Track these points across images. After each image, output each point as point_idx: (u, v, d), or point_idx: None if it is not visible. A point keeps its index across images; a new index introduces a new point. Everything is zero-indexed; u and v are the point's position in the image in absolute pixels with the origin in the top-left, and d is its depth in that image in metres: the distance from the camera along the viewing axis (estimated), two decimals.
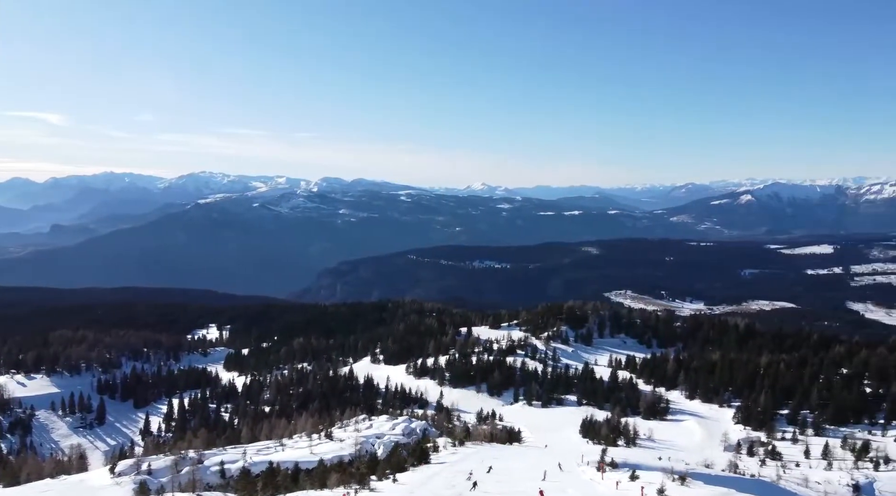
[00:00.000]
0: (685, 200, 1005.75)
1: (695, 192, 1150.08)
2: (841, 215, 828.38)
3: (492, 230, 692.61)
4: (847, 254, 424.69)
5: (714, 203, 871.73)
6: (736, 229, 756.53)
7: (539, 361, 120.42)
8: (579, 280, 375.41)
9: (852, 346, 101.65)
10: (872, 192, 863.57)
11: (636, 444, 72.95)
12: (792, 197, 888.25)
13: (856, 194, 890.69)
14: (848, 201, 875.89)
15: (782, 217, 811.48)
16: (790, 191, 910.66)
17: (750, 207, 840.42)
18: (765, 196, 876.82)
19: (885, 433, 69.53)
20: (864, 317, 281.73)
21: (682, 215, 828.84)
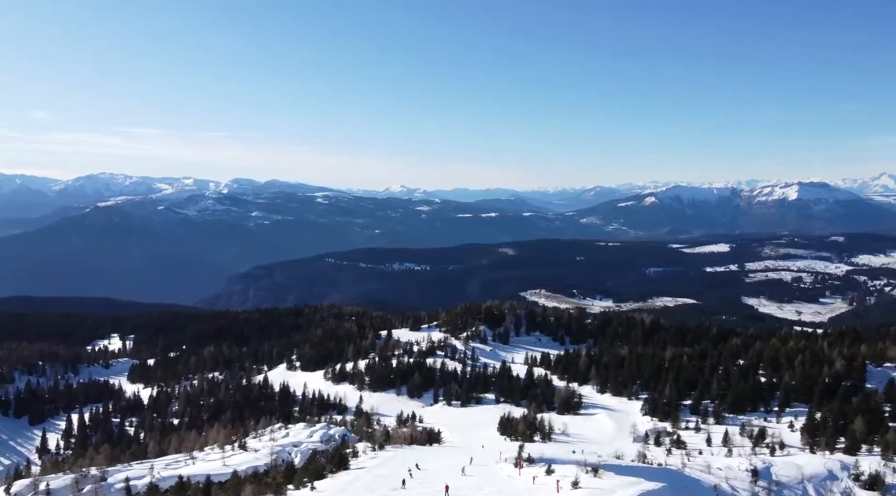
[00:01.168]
0: (594, 202, 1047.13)
1: (603, 195, 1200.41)
2: (736, 216, 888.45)
3: (411, 232, 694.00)
4: (742, 253, 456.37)
5: (621, 205, 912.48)
6: (641, 230, 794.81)
7: (458, 361, 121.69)
8: (497, 280, 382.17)
9: (747, 339, 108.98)
10: (764, 195, 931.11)
11: (552, 439, 75.08)
12: (692, 199, 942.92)
13: (749, 196, 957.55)
14: (742, 203, 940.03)
15: (683, 218, 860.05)
16: (690, 193, 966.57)
17: (654, 209, 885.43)
18: (667, 198, 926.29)
19: (779, 419, 74.93)
20: (757, 312, 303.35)
21: (591, 217, 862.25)
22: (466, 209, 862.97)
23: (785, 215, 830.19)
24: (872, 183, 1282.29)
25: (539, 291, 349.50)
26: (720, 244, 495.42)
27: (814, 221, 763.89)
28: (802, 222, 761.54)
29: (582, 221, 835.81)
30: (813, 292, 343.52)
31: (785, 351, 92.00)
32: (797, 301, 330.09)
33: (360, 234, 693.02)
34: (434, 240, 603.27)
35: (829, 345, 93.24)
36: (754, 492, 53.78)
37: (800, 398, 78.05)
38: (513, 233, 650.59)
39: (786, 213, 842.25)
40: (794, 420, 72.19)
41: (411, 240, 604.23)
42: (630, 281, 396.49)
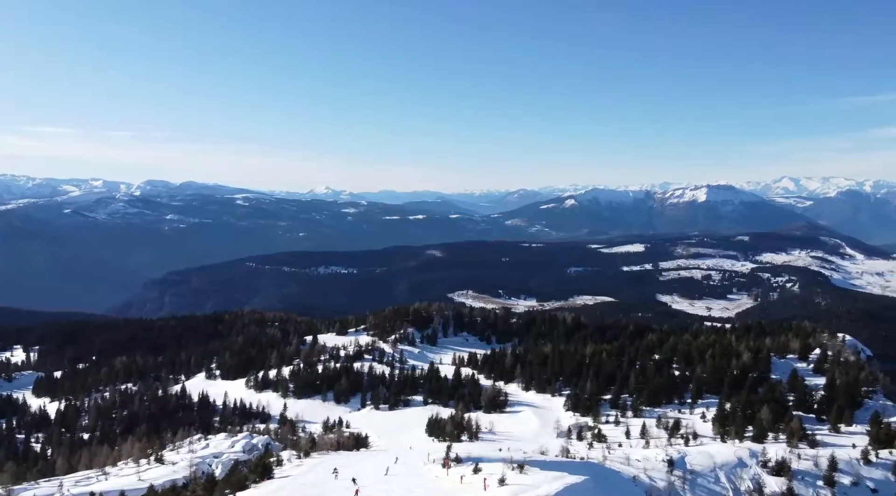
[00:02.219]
0: (518, 205, 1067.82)
1: (526, 198, 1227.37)
2: (650, 217, 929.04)
3: (337, 235, 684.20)
4: (656, 252, 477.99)
5: (543, 207, 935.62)
6: (562, 231, 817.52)
7: (386, 364, 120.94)
8: (425, 282, 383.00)
9: (662, 334, 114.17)
10: (675, 197, 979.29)
11: (479, 438, 75.90)
12: (609, 201, 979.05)
13: (662, 198, 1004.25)
14: (655, 205, 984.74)
15: (601, 219, 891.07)
16: (608, 196, 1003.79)
17: (574, 211, 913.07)
18: (586, 200, 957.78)
19: (693, 411, 78.80)
20: (671, 308, 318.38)
21: (515, 219, 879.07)
22: (394, 211, 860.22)
23: (695, 216, 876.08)
24: (774, 185, 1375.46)
25: (466, 292, 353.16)
26: (636, 244, 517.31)
27: (721, 222, 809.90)
28: (711, 223, 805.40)
29: (507, 223, 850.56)
30: (721, 289, 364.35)
31: (696, 345, 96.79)
32: (707, 297, 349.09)
33: (284, 237, 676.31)
34: (361, 242, 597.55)
35: (736, 339, 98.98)
36: (670, 481, 56.21)
37: (711, 390, 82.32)
38: (440, 235, 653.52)
39: (696, 214, 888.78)
40: (706, 411, 76.03)
41: (337, 242, 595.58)
42: (553, 280, 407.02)
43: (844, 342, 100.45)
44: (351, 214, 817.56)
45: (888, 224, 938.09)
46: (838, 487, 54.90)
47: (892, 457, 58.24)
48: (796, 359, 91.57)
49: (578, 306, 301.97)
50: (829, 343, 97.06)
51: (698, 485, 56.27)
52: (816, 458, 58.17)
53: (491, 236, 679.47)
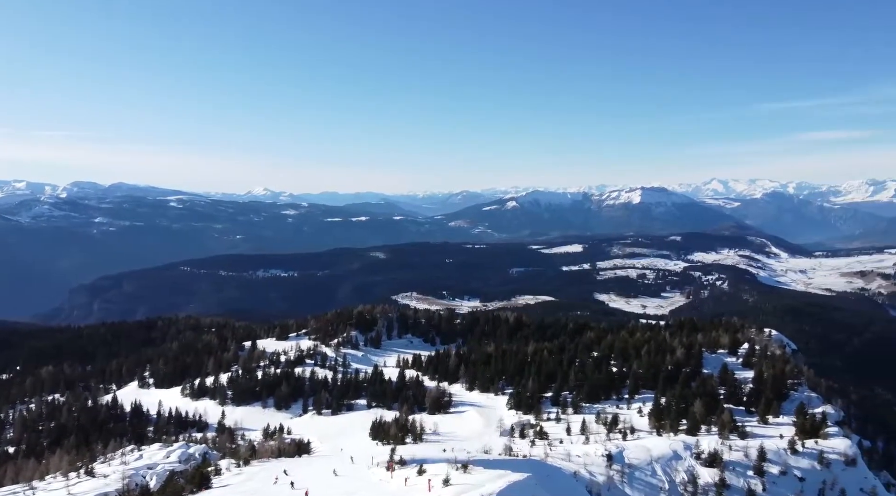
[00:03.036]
0: (461, 206, 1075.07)
1: (469, 199, 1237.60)
2: (588, 218, 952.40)
3: (277, 237, 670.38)
4: (593, 252, 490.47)
5: (486, 209, 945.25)
6: (504, 232, 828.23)
7: (329, 369, 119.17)
8: (368, 284, 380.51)
9: (600, 332, 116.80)
10: (612, 198, 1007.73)
11: (423, 440, 75.74)
12: (549, 203, 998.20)
13: (599, 200, 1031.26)
14: (593, 206, 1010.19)
15: (541, 221, 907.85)
16: (547, 198, 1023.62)
17: (515, 213, 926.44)
18: (527, 202, 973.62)
19: (630, 406, 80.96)
20: (608, 306, 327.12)
21: (459, 220, 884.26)
22: (336, 213, 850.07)
23: (630, 217, 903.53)
24: (704, 187, 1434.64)
25: (411, 294, 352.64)
26: (574, 245, 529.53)
27: (655, 223, 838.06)
28: (645, 224, 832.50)
29: (450, 225, 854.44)
30: (655, 287, 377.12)
31: (633, 342, 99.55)
32: (642, 296, 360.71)
33: (220, 239, 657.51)
34: (302, 245, 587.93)
35: (670, 336, 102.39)
36: (609, 475, 57.72)
37: (647, 385, 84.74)
38: (384, 236, 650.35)
39: (631, 215, 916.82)
40: (643, 406, 78.28)
41: (277, 245, 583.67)
42: (496, 281, 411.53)
43: (771, 337, 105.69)
44: (291, 216, 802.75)
45: (810, 224, 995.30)
46: (767, 477, 57.55)
47: (817, 446, 61.41)
48: (726, 353, 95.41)
49: (521, 306, 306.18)
50: (756, 338, 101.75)
51: (636, 479, 57.98)
52: (746, 449, 60.83)
53: (435, 238, 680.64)
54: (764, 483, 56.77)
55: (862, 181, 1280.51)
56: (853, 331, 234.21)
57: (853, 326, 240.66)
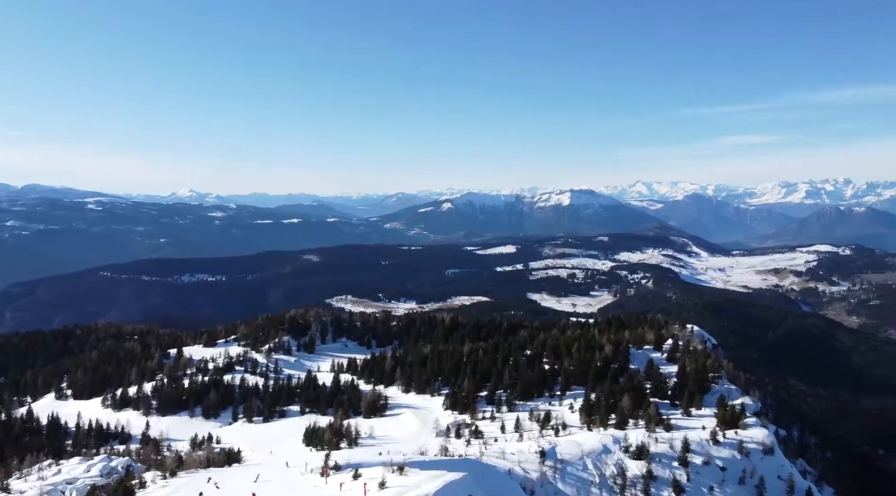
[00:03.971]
0: (397, 208, 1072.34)
1: (405, 201, 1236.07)
2: (520, 220, 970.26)
3: (204, 241, 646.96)
4: (526, 253, 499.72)
5: (421, 210, 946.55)
6: (440, 234, 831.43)
7: (260, 375, 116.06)
8: (301, 288, 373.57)
9: (533, 331, 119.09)
10: (543, 200, 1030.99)
11: (358, 444, 74.96)
12: (483, 205, 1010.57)
13: (531, 202, 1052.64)
14: (525, 208, 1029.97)
15: (476, 222, 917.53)
16: (482, 199, 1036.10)
17: (450, 214, 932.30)
18: (462, 204, 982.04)
19: (562, 402, 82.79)
20: (540, 306, 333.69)
21: (394, 222, 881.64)
22: (266, 215, 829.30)
23: (560, 219, 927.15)
24: (630, 189, 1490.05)
25: (345, 297, 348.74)
26: (508, 246, 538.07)
27: (584, 224, 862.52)
28: (575, 225, 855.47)
29: (386, 226, 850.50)
30: (585, 286, 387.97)
31: (564, 340, 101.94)
32: (572, 294, 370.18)
33: (143, 243, 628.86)
34: (230, 248, 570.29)
35: (599, 333, 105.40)
36: (542, 471, 58.84)
37: (578, 381, 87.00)
38: (317, 239, 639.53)
39: (561, 216, 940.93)
40: (574, 402, 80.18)
41: (204, 249, 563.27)
42: (431, 282, 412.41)
43: (693, 332, 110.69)
44: (219, 218, 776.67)
45: (728, 224, 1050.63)
46: (691, 467, 60.05)
47: (737, 436, 64.59)
48: (652, 349, 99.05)
49: (456, 306, 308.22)
50: (679, 334, 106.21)
51: (568, 474, 59.36)
52: (672, 441, 63.34)
53: (370, 239, 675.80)
54: (688, 473, 59.22)
55: (775, 183, 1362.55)
56: (768, 326, 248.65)
57: (768, 321, 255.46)
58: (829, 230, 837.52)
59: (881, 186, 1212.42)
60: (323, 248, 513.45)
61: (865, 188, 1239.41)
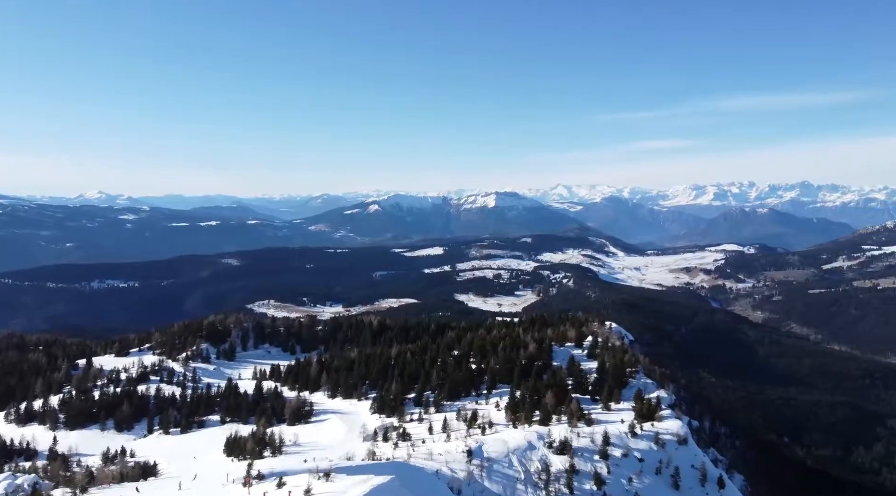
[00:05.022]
0: (322, 210, 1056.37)
1: (330, 203, 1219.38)
2: (448, 222, 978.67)
3: (114, 245, 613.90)
4: (453, 255, 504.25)
5: (347, 212, 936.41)
6: (367, 236, 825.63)
7: (177, 385, 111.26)
8: (221, 293, 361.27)
9: (460, 331, 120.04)
10: (469, 202, 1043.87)
11: (283, 452, 73.20)
12: (410, 206, 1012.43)
13: (458, 204, 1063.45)
14: (452, 210, 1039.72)
15: (403, 224, 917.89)
16: (409, 201, 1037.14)
17: (377, 216, 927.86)
18: (389, 206, 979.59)
19: (488, 401, 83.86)
20: (467, 306, 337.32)
21: (319, 224, 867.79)
22: (182, 217, 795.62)
23: (486, 220, 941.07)
24: (551, 192, 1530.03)
25: (268, 302, 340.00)
26: (435, 247, 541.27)
27: (509, 225, 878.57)
28: (500, 226, 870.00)
29: (310, 229, 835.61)
30: (510, 286, 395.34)
31: (490, 339, 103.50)
32: (498, 295, 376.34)
33: (47, 248, 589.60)
34: (143, 252, 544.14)
35: (523, 332, 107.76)
36: (469, 470, 59.44)
37: (504, 379, 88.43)
38: (237, 242, 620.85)
39: (487, 218, 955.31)
40: (500, 400, 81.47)
41: (114, 253, 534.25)
42: (358, 285, 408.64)
43: (611, 329, 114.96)
44: (130, 221, 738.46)
45: (642, 225, 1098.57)
46: (611, 460, 62.23)
47: (653, 428, 67.47)
48: (573, 346, 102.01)
49: (384, 309, 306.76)
50: (598, 331, 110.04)
51: (494, 471, 60.24)
52: (593, 435, 65.42)
53: (294, 242, 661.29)
54: (609, 466, 61.36)
55: (686, 186, 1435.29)
56: (681, 322, 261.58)
57: (681, 317, 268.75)
58: (736, 230, 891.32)
59: (782, 189, 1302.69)
60: (243, 251, 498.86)
61: (768, 190, 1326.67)
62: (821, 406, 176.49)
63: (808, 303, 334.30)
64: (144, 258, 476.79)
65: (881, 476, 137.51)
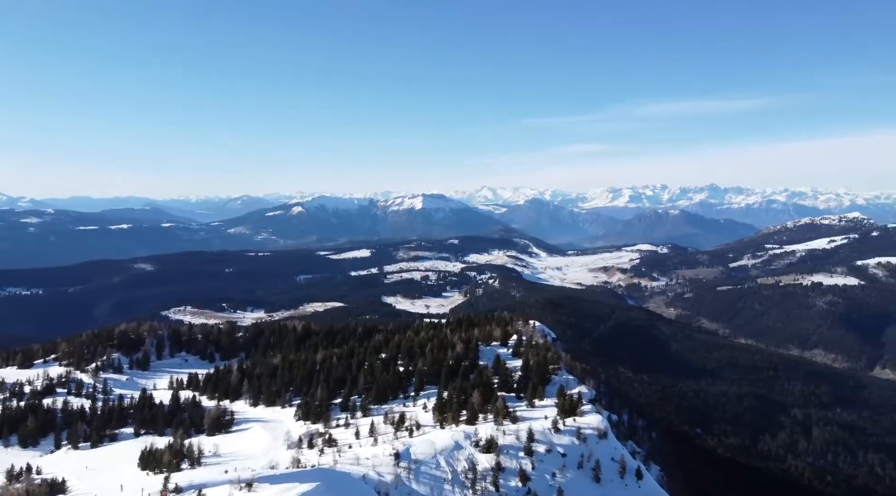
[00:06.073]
0: (242, 212, 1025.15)
1: (251, 204, 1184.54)
2: (374, 224, 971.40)
3: (16, 250, 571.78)
4: (381, 257, 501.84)
5: (269, 214, 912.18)
6: (290, 239, 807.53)
7: (86, 397, 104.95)
8: (133, 300, 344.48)
9: (388, 334, 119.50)
10: (396, 204, 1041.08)
11: (202, 464, 70.50)
12: (336, 208, 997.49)
13: (385, 206, 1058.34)
14: (379, 212, 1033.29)
15: (329, 226, 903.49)
16: (334, 203, 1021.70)
17: (301, 218, 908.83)
18: (313, 208, 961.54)
19: (416, 403, 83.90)
20: (395, 308, 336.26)
21: (239, 227, 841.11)
22: (90, 220, 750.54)
23: (414, 222, 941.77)
24: (477, 194, 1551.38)
25: (184, 308, 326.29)
26: (362, 250, 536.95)
27: (435, 227, 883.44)
28: (427, 228, 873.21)
29: (230, 231, 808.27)
30: (437, 288, 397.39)
31: (418, 341, 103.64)
32: (426, 296, 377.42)
33: None
34: (48, 258, 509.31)
35: (451, 332, 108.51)
36: (397, 473, 59.35)
37: (431, 381, 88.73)
38: (151, 246, 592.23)
39: (414, 220, 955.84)
40: (428, 401, 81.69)
41: (16, 259, 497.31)
42: (281, 289, 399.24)
43: (535, 328, 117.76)
44: (33, 225, 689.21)
45: (563, 226, 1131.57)
46: (536, 456, 63.76)
47: (575, 423, 69.61)
48: (499, 345, 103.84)
49: (309, 313, 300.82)
50: (523, 329, 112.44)
51: (422, 473, 60.42)
52: (518, 432, 66.80)
53: (212, 246, 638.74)
54: (533, 462, 62.81)
55: (603, 189, 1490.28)
56: (599, 320, 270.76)
57: (599, 315, 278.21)
58: (650, 231, 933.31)
59: (692, 191, 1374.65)
60: (158, 255, 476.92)
61: (679, 193, 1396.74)
62: (729, 397, 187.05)
63: (717, 299, 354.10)
64: (49, 264, 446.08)
65: (786, 463, 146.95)
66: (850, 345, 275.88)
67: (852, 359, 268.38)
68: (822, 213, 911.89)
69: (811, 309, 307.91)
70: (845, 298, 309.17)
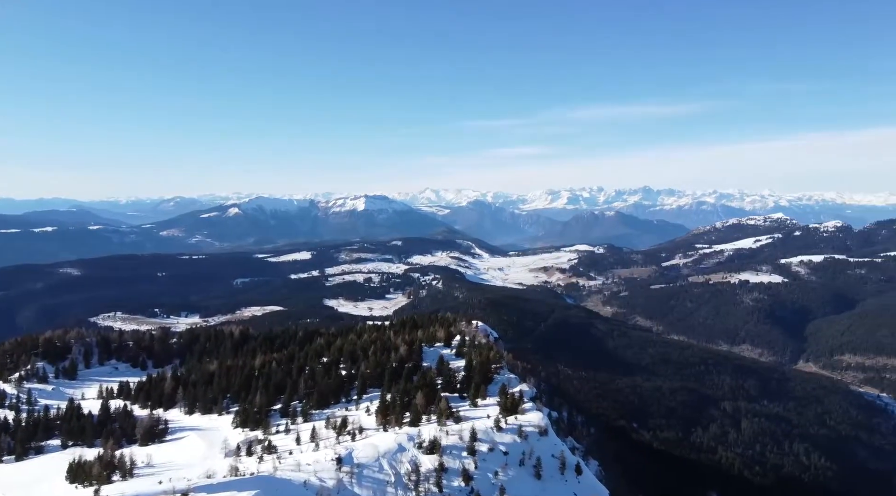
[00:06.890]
0: (174, 214, 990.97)
1: (184, 206, 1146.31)
2: (315, 225, 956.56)
3: None
4: (322, 259, 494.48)
5: (204, 216, 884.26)
6: (226, 241, 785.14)
7: (10, 408, 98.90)
8: (58, 306, 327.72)
9: (330, 337, 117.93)
10: (338, 206, 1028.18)
11: (134, 475, 67.77)
12: (274, 210, 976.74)
13: (326, 207, 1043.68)
14: (320, 213, 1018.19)
15: (267, 228, 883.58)
16: (273, 204, 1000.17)
17: (238, 220, 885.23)
18: (251, 209, 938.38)
19: (358, 406, 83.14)
20: (337, 311, 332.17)
21: (172, 229, 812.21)
22: (11, 223, 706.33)
23: (356, 224, 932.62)
24: (420, 196, 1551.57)
25: (114, 314, 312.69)
26: (303, 252, 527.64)
27: (378, 229, 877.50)
28: (370, 230, 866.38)
29: (162, 234, 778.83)
30: (381, 290, 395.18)
31: (361, 344, 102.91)
32: (369, 298, 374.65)
33: None
34: None
35: (394, 334, 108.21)
36: (339, 478, 58.72)
37: (374, 384, 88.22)
38: (77, 249, 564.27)
39: (356, 221, 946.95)
40: (371, 404, 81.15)
41: None
42: (217, 293, 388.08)
43: (477, 328, 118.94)
44: None
45: (505, 228, 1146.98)
46: (479, 455, 64.35)
47: (517, 421, 70.68)
48: (442, 346, 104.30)
49: (247, 318, 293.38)
50: (466, 330, 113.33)
51: (364, 477, 60.01)
52: (461, 432, 67.26)
53: (143, 249, 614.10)
54: (476, 461, 63.37)
55: (543, 191, 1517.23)
56: (540, 318, 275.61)
57: (540, 314, 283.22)
58: (587, 232, 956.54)
59: (627, 193, 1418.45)
60: (85, 259, 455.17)
61: (614, 195, 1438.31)
62: (663, 392, 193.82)
63: (650, 297, 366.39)
64: None
65: (717, 454, 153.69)
66: (775, 339, 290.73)
67: (777, 354, 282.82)
68: (749, 213, 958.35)
69: (739, 306, 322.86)
70: (770, 295, 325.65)
